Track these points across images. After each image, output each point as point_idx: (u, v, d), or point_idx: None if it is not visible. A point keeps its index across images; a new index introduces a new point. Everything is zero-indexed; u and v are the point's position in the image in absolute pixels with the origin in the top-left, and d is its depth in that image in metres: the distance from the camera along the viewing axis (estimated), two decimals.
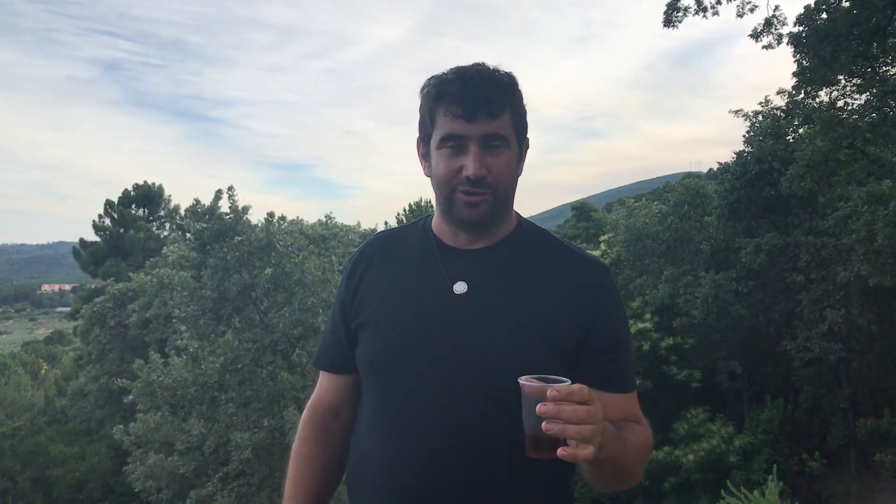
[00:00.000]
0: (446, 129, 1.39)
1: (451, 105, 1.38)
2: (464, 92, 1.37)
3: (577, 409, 1.09)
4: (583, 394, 1.11)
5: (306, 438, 1.62)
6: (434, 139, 1.43)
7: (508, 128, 1.41)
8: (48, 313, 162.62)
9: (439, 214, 1.54)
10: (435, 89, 1.42)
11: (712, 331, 20.57)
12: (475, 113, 1.36)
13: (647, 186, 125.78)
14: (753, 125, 20.72)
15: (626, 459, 1.30)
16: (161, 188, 34.82)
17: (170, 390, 13.95)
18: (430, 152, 1.45)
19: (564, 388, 1.10)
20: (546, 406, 1.10)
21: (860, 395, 19.66)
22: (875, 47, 13.22)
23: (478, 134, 1.37)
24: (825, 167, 15.23)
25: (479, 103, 1.37)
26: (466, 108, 1.36)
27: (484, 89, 1.37)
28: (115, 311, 25.05)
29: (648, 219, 23.10)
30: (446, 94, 1.39)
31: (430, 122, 1.44)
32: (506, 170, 1.43)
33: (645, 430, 1.44)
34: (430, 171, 1.48)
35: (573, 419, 1.09)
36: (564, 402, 1.10)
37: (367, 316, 1.50)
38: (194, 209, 14.67)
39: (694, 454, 18.05)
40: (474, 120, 1.37)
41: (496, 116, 1.38)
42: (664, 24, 13.69)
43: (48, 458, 23.58)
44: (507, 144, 1.42)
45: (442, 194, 1.45)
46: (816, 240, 18.11)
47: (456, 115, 1.37)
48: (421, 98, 1.46)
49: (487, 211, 1.42)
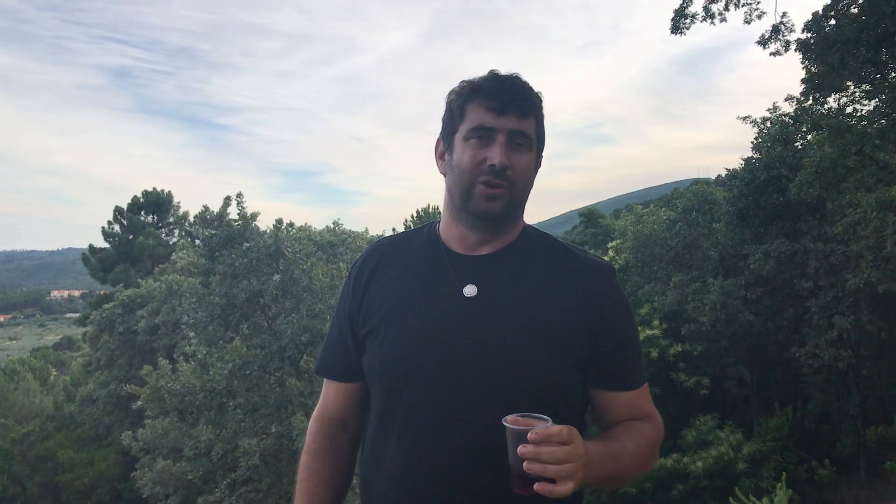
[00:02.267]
0: (476, 120, 1.45)
1: (484, 99, 1.45)
2: (499, 88, 1.45)
3: (556, 451, 1.17)
4: (561, 436, 1.19)
5: (316, 453, 1.63)
6: (461, 131, 1.48)
7: (532, 131, 1.48)
8: (57, 319, 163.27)
9: (449, 217, 1.55)
10: (470, 85, 1.49)
11: (721, 337, 20.49)
12: (507, 107, 1.44)
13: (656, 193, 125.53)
14: (762, 131, 20.65)
15: (622, 472, 1.37)
16: (170, 195, 34.94)
17: (178, 396, 13.99)
18: (454, 145, 1.50)
19: (544, 431, 1.18)
20: (526, 448, 1.17)
21: (870, 402, 19.53)
22: (884, 53, 13.17)
23: (506, 128, 1.44)
24: (834, 174, 15.16)
25: (512, 100, 1.44)
26: (499, 101, 1.44)
27: (517, 89, 1.46)
28: (123, 318, 25.11)
29: (656, 225, 23.03)
30: (482, 88, 1.47)
31: (458, 115, 1.49)
32: (526, 170, 1.48)
33: (652, 428, 1.47)
34: (450, 165, 1.51)
35: (552, 460, 1.16)
36: (544, 443, 1.17)
37: (376, 323, 1.51)
38: (203, 216, 14.73)
39: (702, 461, 17.96)
40: (505, 113, 1.44)
41: (525, 116, 1.46)
42: (672, 31, 13.68)
43: (57, 464, 23.66)
44: (530, 146, 1.48)
45: (461, 186, 1.48)
46: (825, 246, 18.03)
47: (489, 108, 1.44)
48: (450, 97, 1.52)
49: (503, 206, 1.46)
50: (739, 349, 20.97)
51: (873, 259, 15.22)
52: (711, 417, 19.82)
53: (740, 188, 20.11)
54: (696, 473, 17.91)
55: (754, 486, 15.82)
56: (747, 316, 19.23)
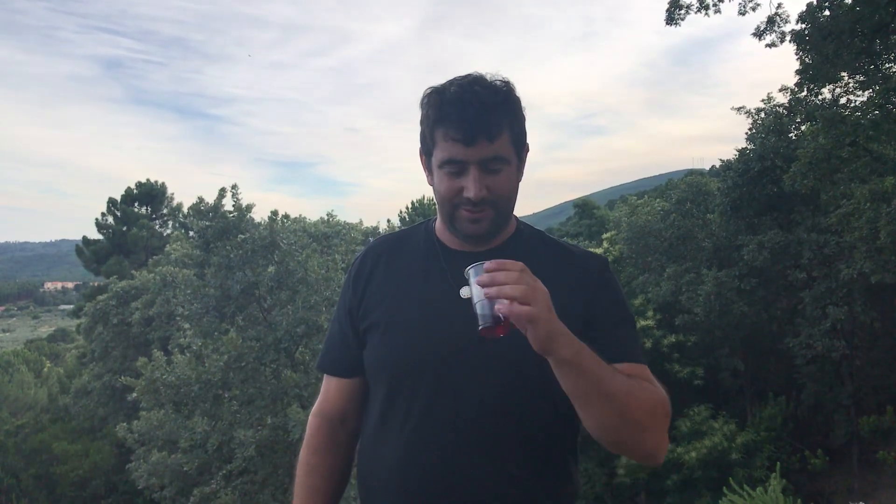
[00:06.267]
0: (446, 153, 1.41)
1: (449, 129, 1.39)
2: (462, 117, 1.38)
3: (511, 273, 1.19)
4: (516, 265, 1.21)
5: (316, 448, 1.65)
6: (435, 159, 1.45)
7: (507, 147, 1.43)
8: (51, 311, 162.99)
9: (441, 222, 1.58)
10: (434, 111, 1.43)
11: (714, 328, 20.57)
12: (474, 138, 1.38)
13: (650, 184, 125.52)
14: (756, 122, 20.68)
15: (610, 384, 1.27)
16: (164, 186, 34.79)
17: (173, 388, 13.95)
18: (432, 168, 1.48)
19: (499, 260, 1.22)
20: (482, 277, 1.20)
21: (863, 392, 19.64)
22: (878, 44, 13.19)
23: (476, 158, 1.39)
24: (828, 164, 15.20)
25: (478, 128, 1.38)
26: (465, 133, 1.38)
27: (482, 113, 1.38)
28: (118, 309, 25.03)
29: (651, 216, 23.06)
30: (445, 118, 1.40)
31: (430, 140, 1.46)
32: (506, 186, 1.46)
33: (655, 388, 1.39)
34: (433, 183, 1.50)
35: (509, 280, 1.18)
36: (499, 269, 1.19)
37: (375, 318, 1.54)
38: (198, 207, 14.68)
39: (696, 451, 18.05)
40: (473, 144, 1.38)
41: (494, 139, 1.39)
42: (666, 22, 13.67)
43: (51, 456, 23.63)
44: (507, 162, 1.44)
45: (444, 210, 1.49)
46: (819, 237, 18.10)
47: (456, 140, 1.39)
48: (421, 110, 1.47)
49: (490, 225, 1.47)
50: (733, 340, 21.05)
51: (867, 250, 15.30)
52: (705, 408, 19.93)
53: (734, 179, 20.15)
54: (690, 464, 18.01)
55: (748, 475, 15.92)
56: (741, 307, 19.30)
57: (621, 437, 1.31)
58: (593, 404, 1.28)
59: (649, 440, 1.33)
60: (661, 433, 1.35)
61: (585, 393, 1.27)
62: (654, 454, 1.35)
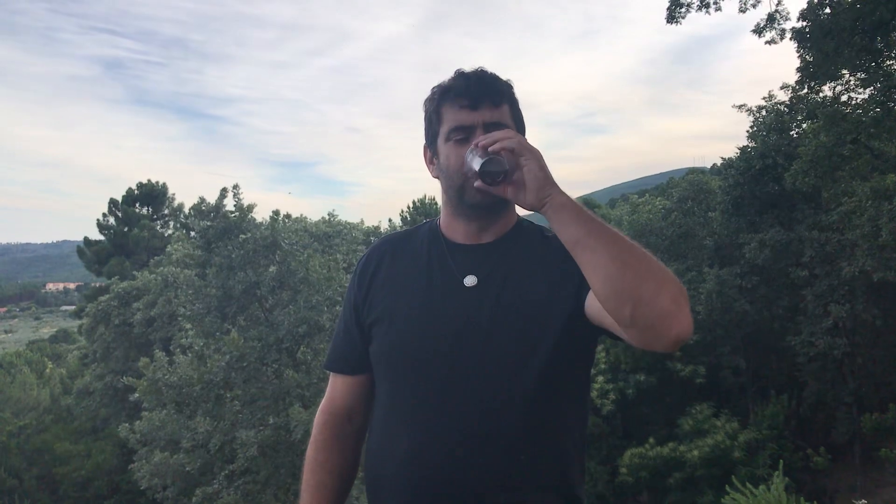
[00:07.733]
0: (453, 121, 1.51)
1: (456, 98, 1.50)
2: (468, 84, 1.50)
3: (507, 131, 1.37)
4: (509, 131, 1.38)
5: (322, 444, 1.66)
6: (442, 134, 1.53)
7: (508, 117, 1.52)
8: (53, 312, 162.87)
9: (448, 212, 1.61)
10: (440, 89, 1.54)
11: (717, 326, 20.56)
12: (479, 101, 1.49)
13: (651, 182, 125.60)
14: (757, 120, 20.68)
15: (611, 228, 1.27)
16: (165, 186, 34.79)
17: (175, 388, 13.96)
18: (438, 149, 1.55)
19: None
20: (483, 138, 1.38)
21: (865, 390, 19.63)
22: (879, 42, 13.18)
23: (482, 121, 1.48)
24: (829, 162, 15.20)
25: (482, 93, 1.49)
26: (471, 97, 1.49)
27: (485, 81, 1.51)
28: (119, 310, 25.06)
29: (652, 215, 23.07)
30: (452, 88, 1.52)
31: (436, 120, 1.54)
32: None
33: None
34: (440, 169, 1.56)
35: (502, 136, 1.35)
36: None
37: (381, 312, 1.56)
38: (199, 207, 14.68)
39: (699, 450, 18.06)
40: (479, 107, 1.49)
41: (498, 104, 1.51)
42: (667, 20, 13.65)
43: (54, 457, 23.64)
44: None
45: (453, 186, 1.52)
46: (821, 235, 18.08)
47: (462, 106, 1.49)
48: (425, 105, 1.58)
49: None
50: (735, 338, 21.05)
51: (868, 247, 15.29)
52: (707, 406, 19.91)
53: (735, 177, 20.15)
54: (693, 462, 18.01)
55: (750, 474, 15.90)
56: (743, 305, 19.30)
57: (631, 285, 1.19)
58: (597, 248, 1.24)
59: (665, 294, 1.19)
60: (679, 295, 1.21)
61: (587, 233, 1.26)
62: (673, 313, 1.18)
